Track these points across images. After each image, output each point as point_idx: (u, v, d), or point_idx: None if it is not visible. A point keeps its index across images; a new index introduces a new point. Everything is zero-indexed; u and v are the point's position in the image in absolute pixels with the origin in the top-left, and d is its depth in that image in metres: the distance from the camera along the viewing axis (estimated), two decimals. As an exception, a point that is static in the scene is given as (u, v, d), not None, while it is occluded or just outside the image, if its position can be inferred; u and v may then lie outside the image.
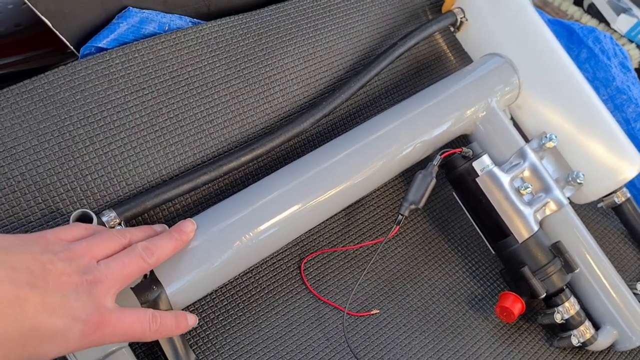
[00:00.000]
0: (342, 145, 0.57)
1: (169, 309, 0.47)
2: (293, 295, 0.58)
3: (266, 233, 0.53)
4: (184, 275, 0.49)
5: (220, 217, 0.52)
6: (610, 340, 0.62)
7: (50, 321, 0.34)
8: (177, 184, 0.53)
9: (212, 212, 0.53)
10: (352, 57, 0.66)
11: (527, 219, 0.60)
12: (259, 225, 0.53)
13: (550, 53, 0.68)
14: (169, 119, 0.54)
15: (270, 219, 0.53)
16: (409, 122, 0.60)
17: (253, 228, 0.52)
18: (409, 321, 0.59)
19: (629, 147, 0.68)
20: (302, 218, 0.55)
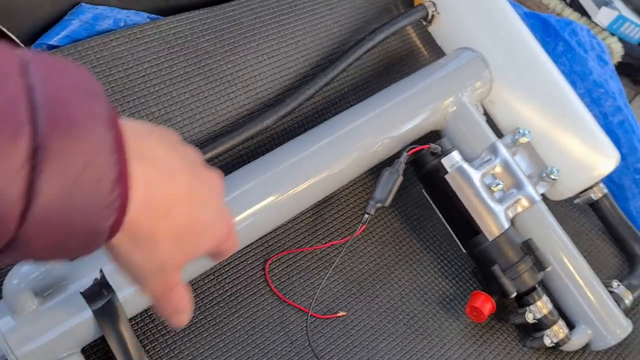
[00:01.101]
0: (308, 141, 0.56)
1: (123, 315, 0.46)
2: (257, 298, 0.56)
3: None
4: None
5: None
6: (585, 340, 0.60)
7: (205, 214, 0.32)
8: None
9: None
10: (319, 53, 0.65)
11: (498, 217, 0.59)
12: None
13: (524, 47, 0.66)
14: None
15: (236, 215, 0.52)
16: (376, 117, 0.58)
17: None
18: (377, 323, 0.58)
19: (605, 141, 0.66)
20: (267, 217, 0.54)
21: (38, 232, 0.23)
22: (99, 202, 0.24)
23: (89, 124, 0.24)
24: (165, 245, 0.31)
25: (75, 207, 0.24)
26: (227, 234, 0.35)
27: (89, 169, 0.23)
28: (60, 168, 0.22)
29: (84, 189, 0.23)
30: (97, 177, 0.24)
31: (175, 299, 0.36)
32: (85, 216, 0.24)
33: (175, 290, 0.35)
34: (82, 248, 0.26)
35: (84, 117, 0.24)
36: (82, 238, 0.25)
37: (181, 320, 0.37)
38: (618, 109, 0.74)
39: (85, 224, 0.24)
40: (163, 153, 0.30)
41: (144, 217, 0.28)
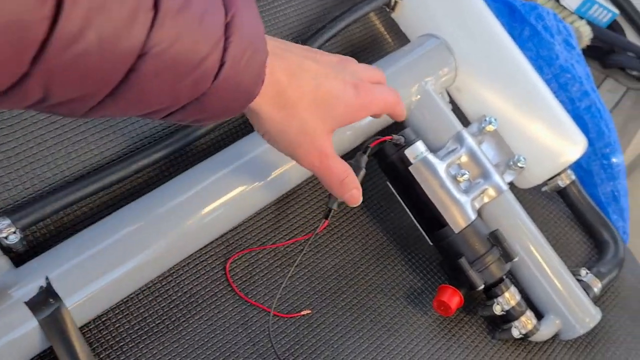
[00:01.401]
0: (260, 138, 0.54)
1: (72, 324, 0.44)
2: (218, 298, 0.54)
3: (184, 232, 0.49)
4: (86, 285, 0.45)
5: (131, 219, 0.48)
6: (553, 330, 0.60)
7: (329, 83, 0.40)
8: (82, 185, 0.49)
9: (122, 214, 0.49)
10: (278, 42, 0.62)
11: (464, 208, 0.57)
12: (175, 224, 0.49)
13: (489, 32, 0.65)
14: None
15: (189, 217, 0.50)
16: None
17: (169, 228, 0.49)
18: (343, 320, 0.56)
19: (572, 128, 0.65)
20: (227, 213, 0.52)
21: (221, 89, 0.31)
22: (254, 71, 0.33)
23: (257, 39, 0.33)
24: (301, 108, 0.38)
25: (242, 74, 0.32)
26: (370, 102, 0.43)
27: (253, 44, 0.32)
28: (240, 41, 0.30)
29: (250, 59, 0.32)
30: (257, 52, 0.32)
31: (336, 169, 0.43)
32: (247, 79, 0.33)
33: (333, 159, 0.42)
34: (243, 102, 0.35)
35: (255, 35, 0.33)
36: (244, 95, 0.34)
37: (354, 196, 0.45)
38: (585, 94, 0.73)
39: (247, 86, 0.33)
40: (297, 51, 0.40)
41: (282, 86, 0.37)
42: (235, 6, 0.30)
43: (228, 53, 0.30)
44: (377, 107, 0.44)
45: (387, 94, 0.45)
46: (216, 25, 0.29)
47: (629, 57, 1.05)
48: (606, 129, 0.72)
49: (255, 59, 0.32)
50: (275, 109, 0.37)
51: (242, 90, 0.33)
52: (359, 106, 0.42)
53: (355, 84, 0.42)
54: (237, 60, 0.31)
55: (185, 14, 0.27)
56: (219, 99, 0.32)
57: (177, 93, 0.30)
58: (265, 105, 0.37)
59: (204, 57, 0.29)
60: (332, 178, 0.43)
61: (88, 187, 0.49)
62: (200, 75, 0.29)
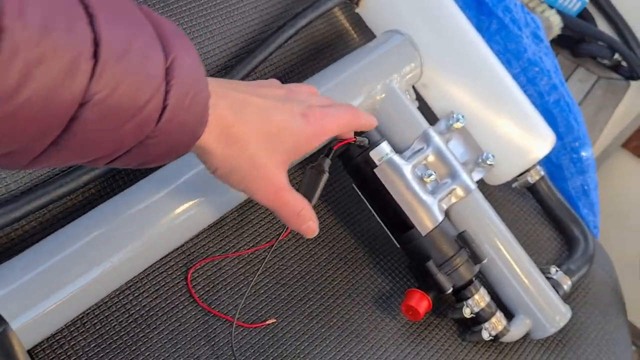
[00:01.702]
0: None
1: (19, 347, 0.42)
2: (179, 310, 0.53)
3: (142, 243, 0.47)
4: (34, 305, 0.43)
5: (84, 231, 0.46)
6: (524, 330, 0.59)
7: (278, 115, 0.40)
8: (30, 198, 0.47)
9: (73, 227, 0.46)
10: (237, 43, 0.60)
11: (431, 209, 0.56)
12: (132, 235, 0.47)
13: (454, 26, 0.63)
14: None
15: (146, 226, 0.48)
16: (299, 111, 0.54)
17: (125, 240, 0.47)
18: (310, 329, 0.55)
19: (540, 124, 0.64)
20: (187, 221, 0.50)
21: (165, 131, 0.31)
22: (198, 111, 0.33)
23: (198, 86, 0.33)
24: (251, 143, 0.38)
25: (185, 115, 0.32)
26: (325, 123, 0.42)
27: (194, 85, 0.32)
28: (180, 83, 0.31)
29: (192, 100, 0.32)
30: (198, 92, 0.32)
31: (292, 202, 0.42)
32: (191, 119, 0.33)
33: (288, 192, 0.42)
34: (188, 142, 0.34)
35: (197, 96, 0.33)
36: (188, 135, 0.34)
37: (310, 227, 0.44)
38: (553, 87, 0.72)
39: (191, 126, 0.33)
40: (242, 88, 0.40)
41: (228, 122, 0.37)
42: (175, 50, 0.30)
43: (170, 96, 0.30)
44: (331, 130, 0.44)
45: (341, 113, 0.44)
46: (157, 70, 0.29)
47: (599, 45, 1.04)
48: (575, 123, 0.71)
49: (197, 99, 0.32)
50: (224, 146, 0.37)
51: (186, 130, 0.33)
52: (311, 134, 0.42)
53: (304, 112, 0.41)
54: (180, 102, 0.31)
55: (126, 61, 0.27)
56: (164, 141, 0.32)
57: (121, 138, 0.30)
58: (212, 142, 0.37)
59: (146, 101, 0.29)
60: (288, 211, 0.43)
61: (36, 201, 0.47)
62: (142, 119, 0.29)
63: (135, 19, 0.29)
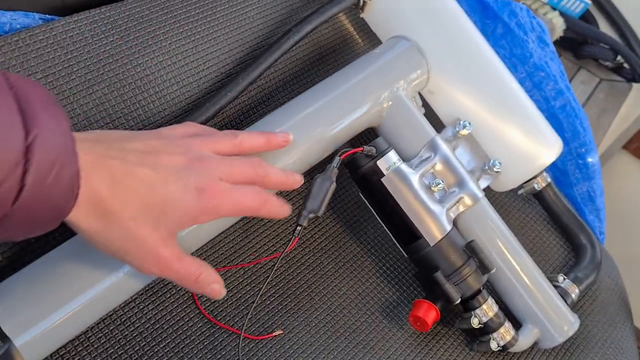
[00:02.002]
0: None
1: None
2: (185, 323, 0.52)
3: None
4: (37, 322, 0.42)
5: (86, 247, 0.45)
6: (532, 339, 0.58)
7: (165, 189, 0.38)
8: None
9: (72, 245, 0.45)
10: (242, 49, 0.59)
11: (439, 219, 0.55)
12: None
13: (460, 32, 0.63)
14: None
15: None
16: (305, 119, 0.54)
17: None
18: (316, 340, 0.54)
19: (547, 130, 0.64)
20: (192, 234, 0.49)
21: (24, 210, 0.30)
22: (64, 188, 0.31)
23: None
24: (125, 217, 0.36)
25: (49, 193, 0.30)
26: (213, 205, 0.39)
27: (60, 163, 0.30)
28: (43, 161, 0.29)
29: (56, 178, 0.30)
30: (64, 169, 0.31)
31: (183, 271, 0.40)
32: (55, 197, 0.31)
33: (176, 263, 0.39)
34: (54, 218, 0.33)
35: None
36: (54, 212, 0.32)
37: (214, 290, 0.42)
38: (560, 93, 0.71)
39: (56, 203, 0.32)
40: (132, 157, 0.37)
41: (101, 196, 0.35)
42: (38, 126, 0.29)
43: (29, 175, 0.29)
44: (226, 210, 0.41)
45: (245, 199, 0.42)
46: (13, 149, 0.28)
47: (601, 48, 1.04)
48: (581, 128, 0.71)
49: (63, 176, 0.31)
50: (94, 219, 0.35)
51: (51, 207, 0.32)
52: (200, 212, 0.39)
53: (200, 187, 0.39)
54: (41, 180, 0.30)
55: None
56: (24, 220, 0.31)
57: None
58: (82, 216, 0.35)
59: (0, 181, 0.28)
60: (183, 281, 0.41)
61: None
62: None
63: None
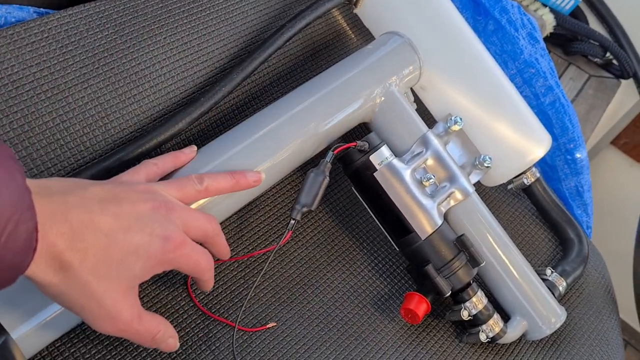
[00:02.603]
0: (225, 145, 0.52)
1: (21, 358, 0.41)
2: (179, 315, 0.52)
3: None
4: (34, 314, 0.42)
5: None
6: (520, 331, 0.60)
7: (127, 239, 0.37)
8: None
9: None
10: (236, 44, 0.60)
11: (430, 213, 0.56)
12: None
13: (452, 28, 0.63)
14: (12, 130, 0.47)
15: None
16: (299, 114, 0.54)
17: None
18: (309, 332, 0.55)
19: (537, 126, 0.65)
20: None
21: None
22: (19, 245, 0.30)
23: None
24: (83, 271, 0.35)
25: (2, 251, 0.29)
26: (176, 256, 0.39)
27: (12, 226, 0.29)
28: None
29: (9, 239, 0.29)
30: (18, 231, 0.29)
31: (140, 331, 0.39)
32: (10, 255, 0.30)
33: (133, 323, 0.38)
34: (10, 276, 0.31)
35: None
36: (10, 270, 0.31)
37: (169, 345, 0.43)
38: (549, 89, 0.72)
39: (10, 262, 0.30)
40: (93, 205, 0.35)
41: (58, 250, 0.33)
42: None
43: None
44: (186, 265, 0.41)
45: (202, 257, 0.42)
46: None
47: (591, 44, 1.05)
48: (570, 125, 0.72)
49: (18, 234, 0.29)
50: (51, 273, 0.34)
51: (7, 266, 0.30)
52: (163, 260, 0.39)
53: (166, 236, 0.38)
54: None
55: None
56: None
57: None
58: (38, 271, 0.34)
59: None
60: (140, 340, 0.41)
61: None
62: None
63: None
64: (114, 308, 0.37)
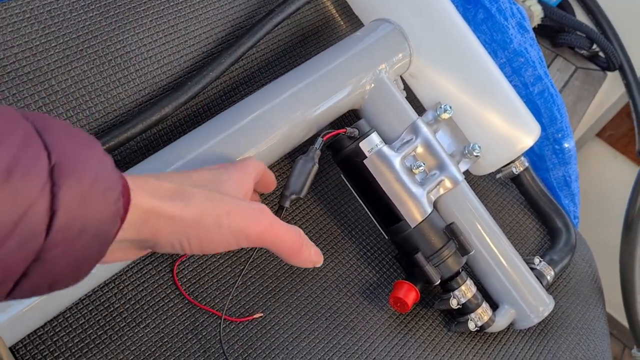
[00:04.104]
0: (212, 130, 0.50)
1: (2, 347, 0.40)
2: (165, 304, 0.52)
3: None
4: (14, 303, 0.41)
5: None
6: (508, 320, 0.60)
7: None
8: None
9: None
10: (224, 28, 0.59)
11: (420, 201, 0.56)
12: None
13: (443, 16, 0.63)
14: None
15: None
16: (288, 100, 0.53)
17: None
18: (297, 321, 0.55)
19: (526, 115, 0.64)
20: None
21: (62, 241, 0.26)
22: (108, 210, 0.28)
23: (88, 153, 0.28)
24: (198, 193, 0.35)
25: (87, 218, 0.27)
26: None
27: (97, 182, 0.27)
28: (74, 182, 0.26)
29: (94, 199, 0.27)
30: (104, 188, 0.27)
31: (291, 229, 0.41)
32: (97, 222, 0.27)
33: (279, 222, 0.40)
34: (96, 254, 0.29)
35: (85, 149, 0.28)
36: (96, 243, 0.28)
37: (313, 260, 0.43)
38: (538, 78, 0.72)
39: (96, 229, 0.27)
40: None
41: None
42: (60, 146, 0.26)
43: (59, 200, 0.25)
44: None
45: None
46: (36, 172, 0.25)
47: (578, 36, 1.05)
48: (558, 114, 0.72)
49: (106, 197, 0.28)
50: (177, 205, 0.33)
51: (92, 234, 0.28)
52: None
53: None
54: (75, 204, 0.26)
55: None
56: (66, 252, 0.27)
57: (2, 261, 0.25)
58: (164, 206, 0.33)
59: (24, 211, 0.24)
60: (291, 239, 0.41)
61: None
62: (24, 233, 0.24)
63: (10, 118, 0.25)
64: (254, 203, 0.38)
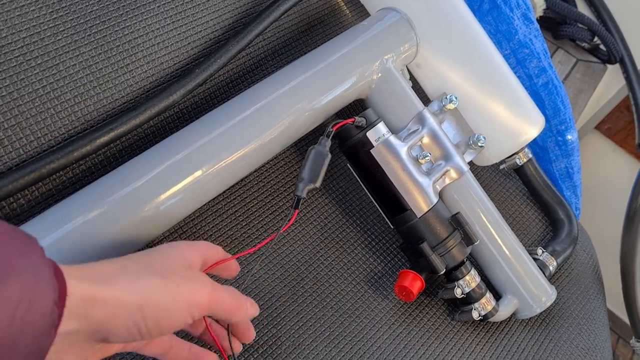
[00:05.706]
0: (220, 118, 0.50)
1: None
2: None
3: (133, 227, 0.46)
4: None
5: (73, 212, 0.44)
6: (511, 309, 0.60)
7: None
8: (16, 176, 0.44)
9: (62, 208, 0.44)
10: (232, 15, 0.58)
11: (426, 191, 0.56)
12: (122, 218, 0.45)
13: (448, 5, 0.63)
14: (0, 98, 0.45)
15: (139, 210, 0.46)
16: (295, 89, 0.53)
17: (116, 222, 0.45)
18: (303, 309, 0.55)
19: (531, 106, 0.65)
20: (179, 204, 0.48)
21: None
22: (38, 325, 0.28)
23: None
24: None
25: (18, 335, 0.27)
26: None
27: (24, 307, 0.27)
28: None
29: (25, 317, 0.27)
30: (33, 310, 0.27)
31: (229, 297, 0.40)
32: (28, 337, 0.27)
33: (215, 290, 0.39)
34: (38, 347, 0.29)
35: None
36: (34, 346, 0.28)
37: (251, 314, 0.43)
38: (542, 70, 0.72)
39: (30, 341, 0.27)
40: None
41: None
42: None
43: None
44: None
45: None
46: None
47: (579, 28, 1.05)
48: (562, 106, 0.72)
49: (34, 311, 0.27)
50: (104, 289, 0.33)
51: (25, 345, 0.27)
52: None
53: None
54: (6, 323, 0.26)
55: None
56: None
57: None
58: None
59: None
60: (228, 307, 0.40)
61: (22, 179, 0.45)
62: None
63: None
64: (194, 272, 0.38)
